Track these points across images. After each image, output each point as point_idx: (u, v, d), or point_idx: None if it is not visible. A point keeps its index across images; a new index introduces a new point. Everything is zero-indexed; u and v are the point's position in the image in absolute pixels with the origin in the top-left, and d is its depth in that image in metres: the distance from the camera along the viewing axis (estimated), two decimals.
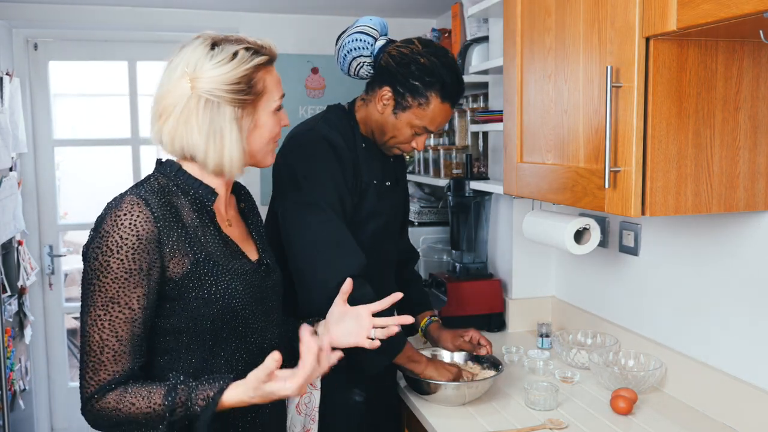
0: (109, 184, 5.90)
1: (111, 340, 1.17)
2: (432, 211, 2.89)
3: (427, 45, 1.71)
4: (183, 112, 1.22)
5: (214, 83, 1.21)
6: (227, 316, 1.26)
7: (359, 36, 1.73)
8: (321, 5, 3.16)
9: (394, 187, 1.88)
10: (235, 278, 1.27)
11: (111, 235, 1.16)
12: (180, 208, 1.24)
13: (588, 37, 1.42)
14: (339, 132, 1.74)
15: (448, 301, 2.31)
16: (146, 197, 1.20)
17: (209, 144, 1.23)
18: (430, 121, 1.72)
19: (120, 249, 1.16)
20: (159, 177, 1.28)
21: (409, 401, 1.79)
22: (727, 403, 1.59)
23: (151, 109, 1.27)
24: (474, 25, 2.44)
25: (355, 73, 1.77)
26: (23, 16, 3.07)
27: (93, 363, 1.17)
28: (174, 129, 1.23)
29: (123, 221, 1.17)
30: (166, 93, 1.24)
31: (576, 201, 1.48)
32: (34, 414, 3.34)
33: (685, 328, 1.76)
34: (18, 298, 3.02)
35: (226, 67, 1.22)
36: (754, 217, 1.52)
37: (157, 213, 1.19)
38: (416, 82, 1.67)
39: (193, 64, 1.22)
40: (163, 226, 1.19)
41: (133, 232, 1.16)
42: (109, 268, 1.16)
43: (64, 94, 4.83)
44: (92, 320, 1.17)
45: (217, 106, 1.22)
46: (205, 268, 1.23)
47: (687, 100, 1.31)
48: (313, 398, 1.72)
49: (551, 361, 1.99)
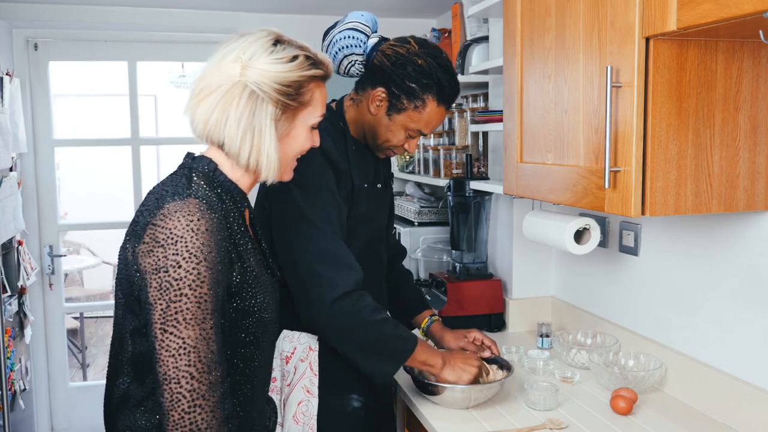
0: (109, 184, 5.94)
1: (221, 355, 1.08)
2: (432, 211, 2.89)
3: (422, 45, 1.66)
4: (224, 96, 1.15)
5: (265, 77, 1.16)
6: (259, 330, 1.21)
7: (351, 33, 1.64)
8: (321, 5, 3.16)
9: (384, 189, 1.84)
10: (266, 290, 1.22)
11: (190, 240, 1.06)
12: (227, 212, 1.17)
13: (588, 37, 1.42)
14: (330, 136, 1.67)
15: (448, 301, 2.31)
16: (209, 201, 1.12)
17: (245, 138, 1.17)
18: (425, 124, 1.67)
19: (207, 256, 1.07)
20: (200, 176, 1.18)
21: (409, 400, 1.79)
22: (727, 403, 1.59)
23: (193, 84, 1.20)
24: (474, 25, 2.44)
25: (345, 72, 1.70)
26: (23, 16, 3.07)
27: (207, 383, 1.05)
28: (210, 111, 1.17)
29: (198, 226, 1.07)
30: (213, 72, 1.17)
31: (576, 201, 1.48)
32: (34, 414, 3.35)
33: (685, 328, 1.76)
34: (18, 298, 3.02)
35: (282, 66, 1.17)
36: (754, 217, 1.52)
37: (220, 219, 1.12)
38: (413, 84, 1.62)
39: (250, 52, 1.17)
40: (226, 233, 1.13)
41: (212, 239, 1.08)
42: (201, 276, 1.06)
43: (64, 94, 4.84)
44: (201, 335, 1.05)
45: (261, 101, 1.16)
46: (249, 278, 1.18)
47: (687, 100, 1.31)
48: (311, 406, 1.69)
49: (551, 361, 1.99)
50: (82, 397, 3.56)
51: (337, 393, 1.71)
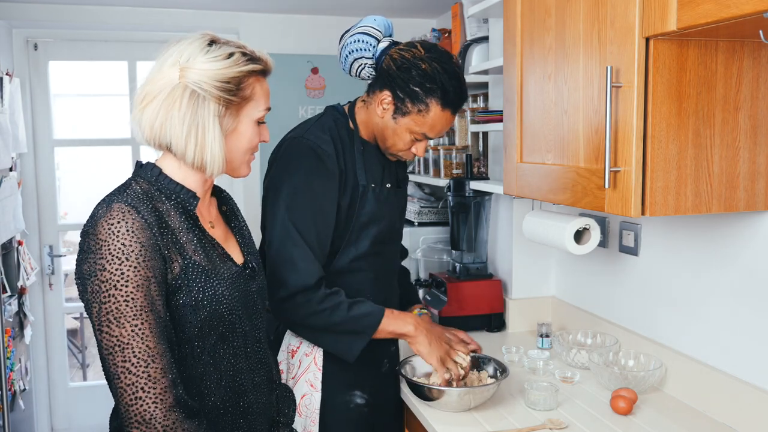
0: (109, 184, 5.90)
1: (159, 347, 1.12)
2: (432, 211, 2.89)
3: (429, 50, 1.67)
4: (166, 100, 1.20)
5: (203, 76, 1.19)
6: (214, 321, 1.24)
7: (361, 37, 1.69)
8: (321, 5, 3.16)
9: (395, 189, 1.85)
10: (222, 283, 1.25)
11: (112, 243, 1.11)
12: (165, 212, 1.21)
13: (588, 37, 1.42)
14: (331, 137, 1.70)
15: (448, 301, 2.31)
16: (134, 204, 1.16)
17: (190, 137, 1.21)
18: (430, 128, 1.68)
19: (129, 256, 1.11)
20: (140, 182, 1.24)
21: (409, 401, 1.79)
22: (727, 403, 1.59)
23: (136, 93, 1.24)
24: (474, 25, 2.44)
25: (356, 74, 1.74)
26: (23, 16, 3.07)
27: (145, 376, 1.10)
28: (154, 116, 1.21)
29: (119, 229, 1.12)
30: (152, 79, 1.22)
31: (576, 201, 1.48)
32: (34, 414, 3.34)
33: (685, 328, 1.76)
34: (18, 298, 3.02)
35: (218, 64, 1.21)
36: (754, 217, 1.52)
37: (148, 219, 1.16)
38: (416, 87, 1.64)
39: (187, 55, 1.21)
40: (156, 232, 1.16)
41: (134, 239, 1.12)
42: (125, 276, 1.11)
43: (64, 94, 4.83)
44: (132, 332, 1.10)
45: (202, 100, 1.20)
46: (193, 274, 1.21)
47: (687, 100, 1.31)
48: (313, 400, 1.72)
49: (551, 361, 1.99)
50: (82, 397, 3.56)
51: (340, 389, 1.74)
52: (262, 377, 1.36)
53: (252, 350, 1.33)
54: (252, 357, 1.34)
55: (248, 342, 1.33)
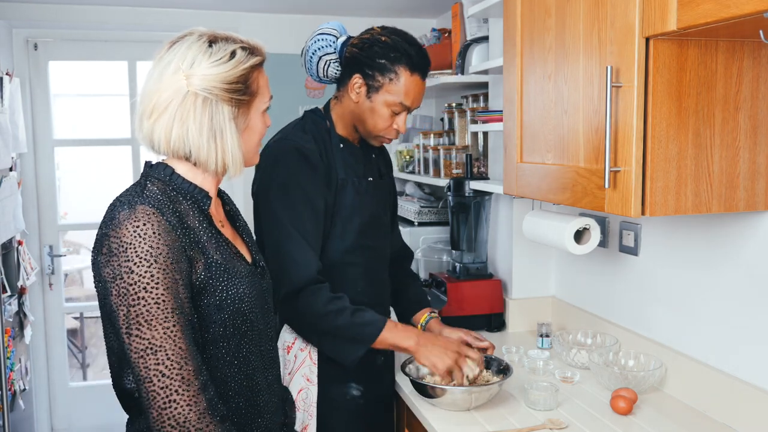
0: (109, 184, 5.89)
1: (191, 349, 1.12)
2: (432, 211, 2.90)
3: (385, 28, 1.77)
4: (179, 110, 1.17)
5: (212, 81, 1.17)
6: (237, 320, 1.23)
7: (321, 37, 1.79)
8: (321, 5, 3.17)
9: (377, 182, 1.89)
10: (242, 281, 1.25)
11: (138, 245, 1.10)
12: (184, 213, 1.20)
13: (588, 37, 1.42)
14: (313, 136, 1.77)
15: (448, 301, 2.31)
16: (158, 206, 1.15)
17: (211, 143, 1.19)
18: (405, 95, 1.73)
19: (157, 258, 1.10)
20: (155, 182, 1.22)
21: (410, 401, 1.79)
22: (727, 403, 1.59)
23: (138, 106, 1.21)
24: (474, 25, 2.44)
25: (324, 74, 1.81)
26: (23, 16, 3.07)
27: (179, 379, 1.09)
28: (169, 129, 1.18)
29: (145, 231, 1.10)
30: (157, 90, 1.18)
31: (576, 201, 1.48)
32: (34, 414, 3.34)
33: (685, 328, 1.76)
34: (18, 298, 3.02)
35: (224, 66, 1.19)
36: (754, 217, 1.52)
37: (171, 221, 1.14)
38: (382, 60, 1.71)
39: (189, 60, 1.18)
40: (179, 233, 1.15)
41: (161, 241, 1.11)
42: (154, 278, 1.10)
43: (64, 94, 4.83)
44: (164, 334, 1.09)
45: (215, 105, 1.19)
46: (216, 273, 1.20)
47: (687, 100, 1.31)
48: (310, 394, 1.74)
49: (551, 361, 1.99)
50: (82, 397, 3.56)
51: (335, 381, 1.77)
52: (274, 376, 1.37)
53: (265, 349, 1.33)
54: (265, 356, 1.33)
55: (263, 340, 1.33)
